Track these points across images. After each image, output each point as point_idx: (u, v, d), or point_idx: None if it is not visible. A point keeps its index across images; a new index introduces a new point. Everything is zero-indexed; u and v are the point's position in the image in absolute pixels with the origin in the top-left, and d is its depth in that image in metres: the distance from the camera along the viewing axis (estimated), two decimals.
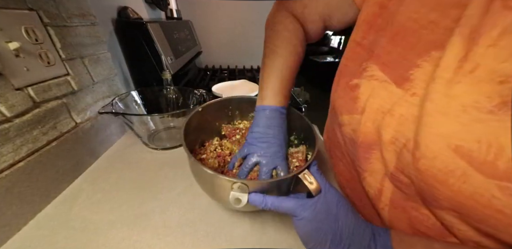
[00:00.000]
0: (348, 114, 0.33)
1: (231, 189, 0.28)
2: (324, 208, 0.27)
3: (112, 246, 0.33)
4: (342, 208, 0.27)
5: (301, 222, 0.27)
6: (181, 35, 0.94)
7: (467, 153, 0.19)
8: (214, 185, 0.32)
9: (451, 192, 0.20)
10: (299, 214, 0.27)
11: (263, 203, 0.28)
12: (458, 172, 0.20)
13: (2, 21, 0.33)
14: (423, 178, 0.22)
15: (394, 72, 0.26)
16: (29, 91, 0.36)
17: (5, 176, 0.32)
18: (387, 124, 0.26)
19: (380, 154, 0.28)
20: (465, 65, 0.19)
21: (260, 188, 0.29)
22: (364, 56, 0.31)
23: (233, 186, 0.28)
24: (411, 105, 0.24)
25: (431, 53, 0.23)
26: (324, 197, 0.27)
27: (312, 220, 0.26)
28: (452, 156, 0.20)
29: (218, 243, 0.34)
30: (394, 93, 0.26)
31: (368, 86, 0.29)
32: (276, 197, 0.28)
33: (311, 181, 0.29)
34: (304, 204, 0.27)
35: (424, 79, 0.23)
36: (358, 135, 0.31)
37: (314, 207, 0.27)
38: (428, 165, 0.22)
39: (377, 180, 0.30)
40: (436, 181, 0.21)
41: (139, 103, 0.60)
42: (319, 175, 0.30)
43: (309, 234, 0.26)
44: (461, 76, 0.19)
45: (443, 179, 0.21)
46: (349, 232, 0.25)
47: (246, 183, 0.28)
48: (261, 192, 0.29)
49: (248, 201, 0.28)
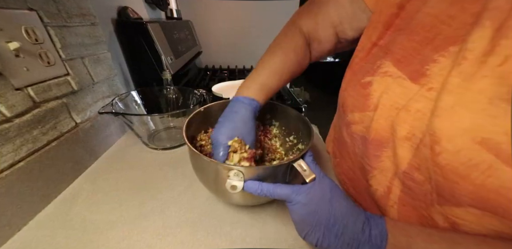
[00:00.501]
0: (359, 112, 0.33)
1: (227, 176, 0.29)
2: (318, 193, 0.27)
3: (112, 246, 0.33)
4: (336, 194, 0.28)
5: (295, 206, 0.27)
6: (181, 35, 0.94)
7: (495, 146, 0.19)
8: (211, 172, 0.33)
9: (473, 186, 0.20)
10: (293, 199, 0.27)
11: (258, 189, 0.29)
12: (484, 166, 0.19)
13: (2, 21, 0.33)
14: (442, 173, 0.22)
15: (409, 68, 0.26)
16: (29, 91, 0.36)
17: (5, 176, 0.32)
18: (402, 120, 0.26)
19: (392, 151, 0.28)
20: (491, 59, 0.19)
21: (256, 175, 0.30)
22: (379, 54, 0.31)
23: (229, 173, 0.29)
24: (428, 100, 0.24)
25: (449, 48, 0.23)
26: (318, 184, 0.28)
27: (307, 204, 0.27)
28: (477, 149, 0.19)
29: (218, 243, 0.34)
30: (409, 88, 0.26)
31: (381, 83, 0.29)
32: (271, 184, 0.29)
33: (305, 169, 0.29)
34: (298, 189, 0.28)
35: (442, 74, 0.23)
36: (370, 132, 0.31)
37: (309, 192, 0.27)
38: (449, 160, 0.21)
39: (387, 178, 0.30)
40: (456, 175, 0.21)
41: (139, 103, 0.60)
42: (314, 165, 0.30)
43: (303, 218, 0.27)
44: (487, 70, 0.19)
45: (465, 173, 0.20)
46: (342, 215, 0.26)
47: (241, 169, 0.29)
48: (257, 179, 0.30)
49: (244, 188, 0.29)
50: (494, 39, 0.19)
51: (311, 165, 0.30)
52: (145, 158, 0.53)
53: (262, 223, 0.38)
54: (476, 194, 0.20)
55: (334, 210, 0.26)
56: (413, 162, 0.26)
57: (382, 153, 0.30)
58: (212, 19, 1.30)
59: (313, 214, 0.26)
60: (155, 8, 1.00)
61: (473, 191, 0.20)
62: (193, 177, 0.46)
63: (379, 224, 0.25)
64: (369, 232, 0.25)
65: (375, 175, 0.32)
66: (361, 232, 0.25)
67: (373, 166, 0.31)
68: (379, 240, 0.24)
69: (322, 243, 0.26)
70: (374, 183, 0.32)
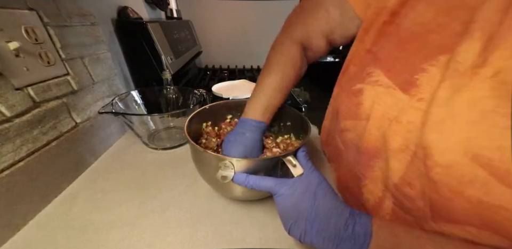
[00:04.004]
0: (352, 120, 0.33)
1: (219, 167, 0.31)
2: (302, 186, 0.28)
3: (112, 246, 0.33)
4: (322, 189, 0.28)
5: (279, 198, 0.28)
6: (181, 35, 0.94)
7: (487, 162, 0.17)
8: (207, 163, 0.35)
9: (469, 204, 0.19)
10: (277, 191, 0.28)
11: (245, 181, 0.30)
12: (478, 183, 0.18)
13: (2, 21, 0.33)
14: (436, 188, 0.21)
15: (399, 78, 0.26)
16: (29, 91, 0.36)
17: (5, 175, 0.32)
18: (394, 131, 0.26)
19: (385, 163, 0.27)
20: (483, 71, 0.18)
21: (246, 167, 0.31)
22: (368, 61, 0.31)
23: (220, 163, 0.31)
24: (418, 111, 0.23)
25: (438, 57, 0.22)
26: (305, 178, 0.28)
27: (290, 196, 0.27)
28: (469, 165, 0.18)
29: (218, 243, 0.34)
30: (400, 99, 0.25)
31: (372, 92, 0.29)
32: (258, 176, 0.30)
33: (295, 165, 0.30)
34: (283, 182, 0.28)
35: (431, 84, 0.22)
36: (363, 142, 0.30)
37: (293, 184, 0.28)
38: (442, 175, 0.20)
39: (379, 188, 0.29)
40: (450, 192, 0.20)
41: (139, 103, 0.60)
42: (305, 160, 0.31)
43: (286, 210, 0.27)
44: (478, 82, 0.18)
45: (460, 190, 0.19)
46: (326, 210, 0.26)
47: (231, 160, 0.30)
48: (247, 172, 0.31)
49: (233, 179, 0.30)
50: (485, 51, 0.18)
51: (303, 161, 0.30)
52: (145, 158, 0.53)
53: (262, 223, 0.38)
54: (473, 212, 0.19)
55: (317, 204, 0.26)
56: (406, 177, 0.25)
57: (375, 163, 0.29)
58: (212, 19, 1.30)
59: (295, 207, 0.26)
60: (155, 8, 1.00)
61: (469, 208, 0.19)
62: (193, 177, 0.47)
63: (365, 222, 0.24)
64: (353, 229, 0.24)
65: (367, 184, 0.31)
66: (344, 228, 0.24)
67: (365, 176, 0.31)
68: (362, 238, 0.23)
69: (305, 238, 0.26)
70: (365, 191, 0.32)
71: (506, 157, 0.17)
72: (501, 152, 0.17)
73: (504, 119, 0.17)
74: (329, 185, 0.29)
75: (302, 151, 0.32)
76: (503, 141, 0.17)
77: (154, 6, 0.99)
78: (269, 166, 0.33)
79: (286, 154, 0.31)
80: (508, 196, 0.17)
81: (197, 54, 1.13)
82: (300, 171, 0.29)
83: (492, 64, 0.18)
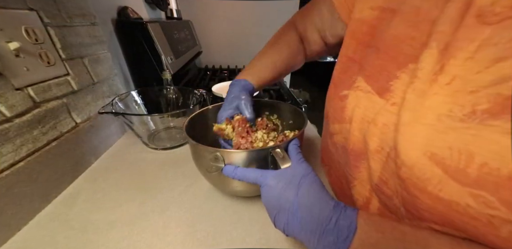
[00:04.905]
0: (338, 123, 0.34)
1: (210, 159, 0.32)
2: (286, 178, 0.28)
3: (112, 246, 0.33)
4: (308, 179, 0.27)
5: (264, 189, 0.28)
6: (181, 35, 0.94)
7: (441, 161, 0.19)
8: (198, 155, 0.37)
9: (430, 200, 0.20)
10: (261, 182, 0.28)
11: (233, 173, 0.31)
12: (435, 180, 0.20)
13: (2, 21, 0.33)
14: (405, 186, 0.22)
15: (377, 84, 0.28)
16: (29, 91, 0.36)
17: (5, 176, 0.32)
18: (372, 133, 0.27)
19: (367, 163, 0.29)
20: (440, 77, 0.20)
21: (235, 159, 0.32)
22: (354, 69, 0.32)
23: (211, 156, 0.32)
24: (391, 114, 0.25)
25: (408, 65, 0.24)
26: (290, 169, 0.29)
27: (273, 187, 0.27)
28: (428, 164, 0.20)
29: (218, 243, 0.34)
30: (377, 103, 0.27)
31: (354, 97, 0.31)
32: (245, 169, 0.31)
33: (283, 157, 0.30)
34: (266, 173, 0.29)
35: (403, 89, 0.24)
36: (349, 143, 0.32)
37: (277, 175, 0.28)
38: (408, 174, 0.22)
39: (366, 189, 0.30)
40: (416, 189, 0.21)
41: (139, 103, 0.60)
42: (296, 153, 0.31)
43: (269, 201, 0.27)
44: (437, 88, 0.20)
45: (422, 187, 0.21)
46: (309, 202, 0.25)
47: (221, 152, 0.31)
48: (238, 163, 0.32)
49: (222, 170, 0.31)
50: (442, 59, 0.20)
51: (293, 153, 0.30)
52: (145, 158, 0.53)
53: (262, 223, 0.38)
54: (434, 208, 0.20)
55: (300, 195, 0.26)
56: (382, 176, 0.26)
57: (361, 164, 0.30)
58: (212, 19, 1.30)
59: (278, 198, 0.26)
60: (155, 8, 1.01)
61: (431, 205, 0.20)
62: (193, 177, 0.47)
63: (350, 215, 0.24)
64: (336, 222, 0.23)
65: (355, 185, 0.32)
66: (327, 221, 0.24)
67: (353, 176, 0.32)
68: (346, 232, 0.23)
69: (288, 229, 0.26)
70: (354, 192, 0.32)
71: (455, 156, 0.18)
72: (451, 151, 0.19)
73: (454, 122, 0.19)
74: (316, 176, 0.28)
75: (294, 144, 0.32)
76: (452, 142, 0.19)
77: (154, 6, 0.99)
78: (259, 158, 0.33)
79: (276, 146, 0.31)
80: (458, 191, 0.18)
81: (197, 54, 1.13)
82: (287, 164, 0.29)
83: (448, 72, 0.20)
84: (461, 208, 0.18)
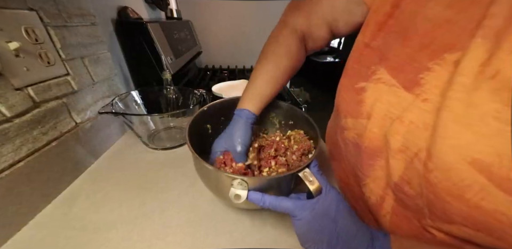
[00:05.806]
0: (352, 118, 0.32)
1: (231, 185, 0.29)
2: (322, 210, 0.26)
3: (112, 246, 0.33)
4: (342, 210, 0.27)
5: (299, 222, 0.27)
6: (181, 35, 0.93)
7: (486, 168, 0.17)
8: (215, 180, 0.33)
9: (467, 208, 0.19)
10: (297, 214, 0.27)
11: (261, 201, 0.28)
12: (476, 188, 0.18)
13: (2, 21, 0.33)
14: (434, 190, 0.21)
15: (403, 76, 0.25)
16: (29, 91, 0.36)
17: (5, 176, 0.32)
18: (395, 131, 0.25)
19: (385, 162, 0.27)
20: (486, 70, 0.18)
21: (259, 185, 0.29)
22: (373, 59, 0.29)
23: (233, 182, 0.29)
24: (422, 112, 0.23)
25: (444, 55, 0.21)
26: (323, 199, 0.27)
27: (310, 222, 0.26)
28: (468, 169, 0.18)
29: (218, 243, 0.34)
30: (403, 98, 0.25)
31: (374, 90, 0.28)
32: (274, 197, 0.28)
33: (311, 181, 0.28)
34: (303, 205, 0.27)
35: (437, 84, 0.22)
36: (363, 140, 0.30)
37: (313, 208, 0.26)
38: (440, 178, 0.20)
39: (380, 187, 0.29)
40: (448, 195, 0.20)
41: (139, 103, 0.60)
42: (319, 175, 0.29)
43: (306, 235, 0.27)
44: (480, 82, 0.18)
45: (458, 193, 0.19)
46: (347, 235, 0.25)
47: (245, 179, 0.28)
48: (261, 189, 0.29)
49: (247, 198, 0.28)
50: (491, 49, 0.18)
51: (317, 176, 0.29)
52: (145, 158, 0.53)
53: (262, 223, 0.38)
54: (470, 215, 0.19)
55: (338, 228, 0.25)
56: (404, 176, 0.25)
57: (376, 162, 0.29)
58: (212, 19, 1.30)
59: (316, 232, 0.26)
60: (155, 8, 1.00)
61: (466, 211, 0.19)
62: (193, 177, 0.47)
63: (385, 245, 0.24)
64: None
65: (367, 183, 0.31)
66: None
67: (365, 174, 0.31)
68: None
69: None
70: (366, 190, 0.32)
71: (505, 164, 0.16)
72: (500, 159, 0.17)
73: (503, 125, 0.17)
74: (347, 205, 0.28)
75: (314, 166, 0.30)
76: (501, 148, 0.17)
77: (154, 6, 0.99)
78: (283, 182, 0.32)
79: (301, 169, 0.29)
80: (505, 201, 0.17)
81: (197, 54, 1.13)
82: (318, 187, 0.28)
83: (493, 65, 0.17)
84: (506, 218, 0.17)
